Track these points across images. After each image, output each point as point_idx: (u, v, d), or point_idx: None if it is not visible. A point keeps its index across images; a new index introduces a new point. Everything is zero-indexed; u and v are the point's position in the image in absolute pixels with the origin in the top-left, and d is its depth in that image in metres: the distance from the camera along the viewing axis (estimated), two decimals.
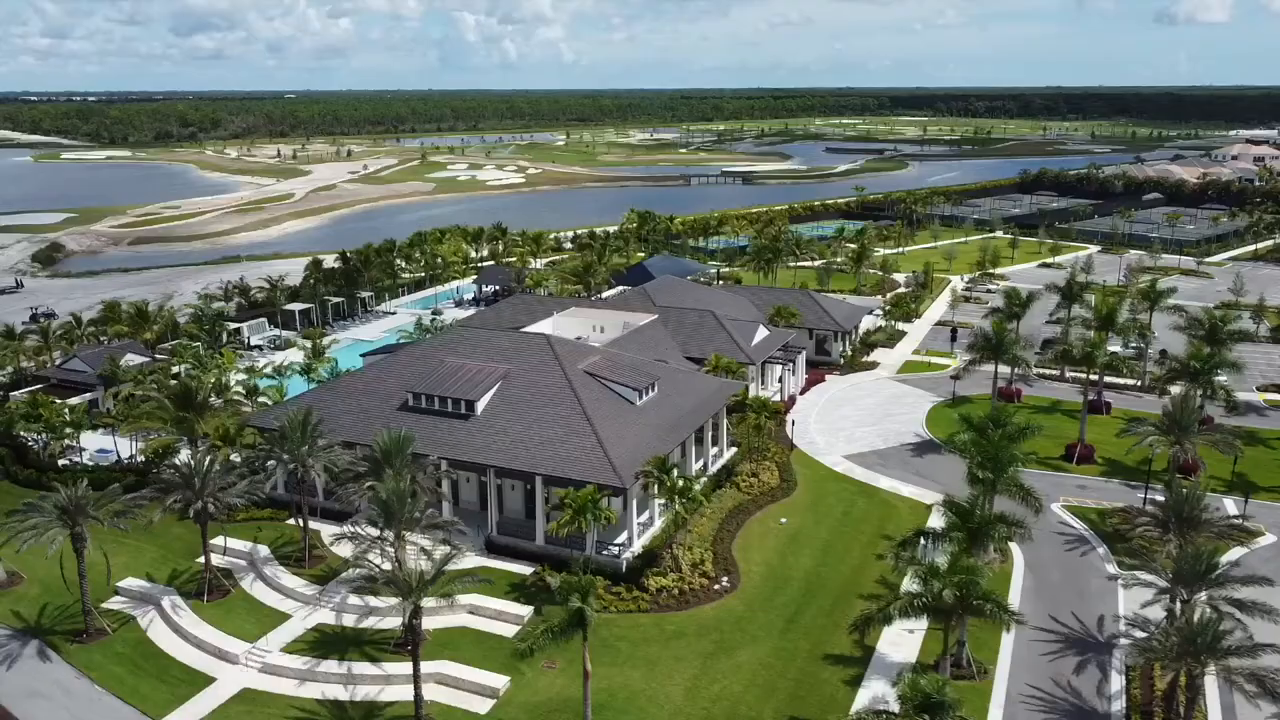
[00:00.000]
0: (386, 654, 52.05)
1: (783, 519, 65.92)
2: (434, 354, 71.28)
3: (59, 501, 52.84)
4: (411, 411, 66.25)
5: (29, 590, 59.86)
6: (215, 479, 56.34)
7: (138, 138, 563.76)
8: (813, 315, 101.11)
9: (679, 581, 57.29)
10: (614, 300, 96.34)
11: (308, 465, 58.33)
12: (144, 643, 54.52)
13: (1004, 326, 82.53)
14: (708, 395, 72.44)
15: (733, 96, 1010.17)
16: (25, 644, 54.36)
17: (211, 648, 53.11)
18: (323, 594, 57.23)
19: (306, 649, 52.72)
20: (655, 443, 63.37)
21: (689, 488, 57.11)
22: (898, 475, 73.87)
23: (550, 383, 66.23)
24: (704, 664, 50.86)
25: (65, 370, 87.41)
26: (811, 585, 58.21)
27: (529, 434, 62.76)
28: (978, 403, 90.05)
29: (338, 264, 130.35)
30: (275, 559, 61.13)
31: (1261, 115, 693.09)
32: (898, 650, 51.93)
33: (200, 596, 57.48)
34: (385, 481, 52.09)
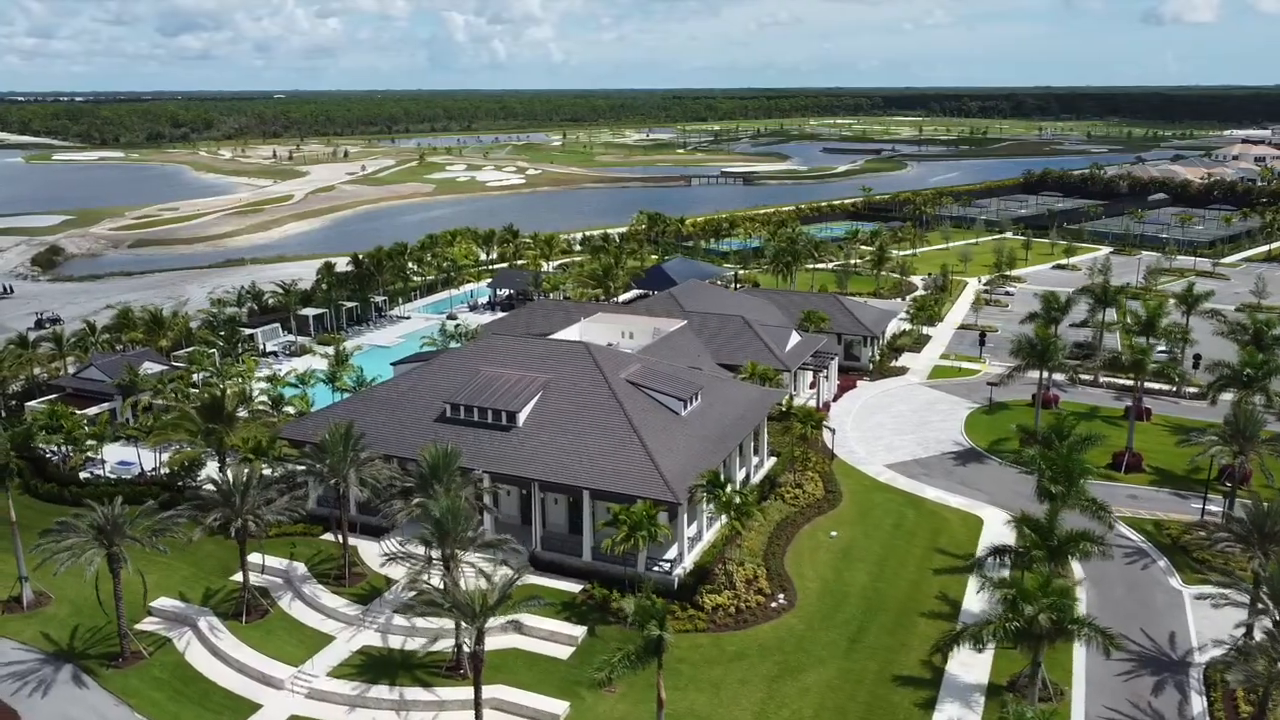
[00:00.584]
0: (439, 678, 50.10)
1: (833, 532, 64.15)
2: (469, 363, 69.26)
3: (95, 521, 50.66)
4: (450, 423, 64.23)
5: (58, 611, 57.69)
6: (255, 495, 54.20)
7: (129, 138, 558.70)
8: (840, 319, 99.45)
9: (735, 599, 55.46)
10: (641, 305, 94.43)
11: (350, 481, 56.21)
12: (182, 666, 52.44)
13: (1048, 332, 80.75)
14: (750, 404, 70.62)
15: (725, 97, 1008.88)
16: (58, 668, 52.24)
17: (254, 672, 51.05)
18: (366, 614, 55.22)
19: (354, 673, 50.73)
20: (704, 454, 61.55)
21: (745, 502, 55.22)
22: (943, 485, 72.18)
23: (593, 392, 64.31)
24: (770, 687, 49.05)
25: (81, 379, 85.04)
26: (870, 602, 56.45)
27: (574, 446, 60.82)
28: (1015, 409, 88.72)
29: (350, 267, 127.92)
30: (313, 577, 59.15)
31: (1253, 115, 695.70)
32: (969, 671, 50.18)
33: (238, 617, 55.41)
34: (438, 499, 50.04)
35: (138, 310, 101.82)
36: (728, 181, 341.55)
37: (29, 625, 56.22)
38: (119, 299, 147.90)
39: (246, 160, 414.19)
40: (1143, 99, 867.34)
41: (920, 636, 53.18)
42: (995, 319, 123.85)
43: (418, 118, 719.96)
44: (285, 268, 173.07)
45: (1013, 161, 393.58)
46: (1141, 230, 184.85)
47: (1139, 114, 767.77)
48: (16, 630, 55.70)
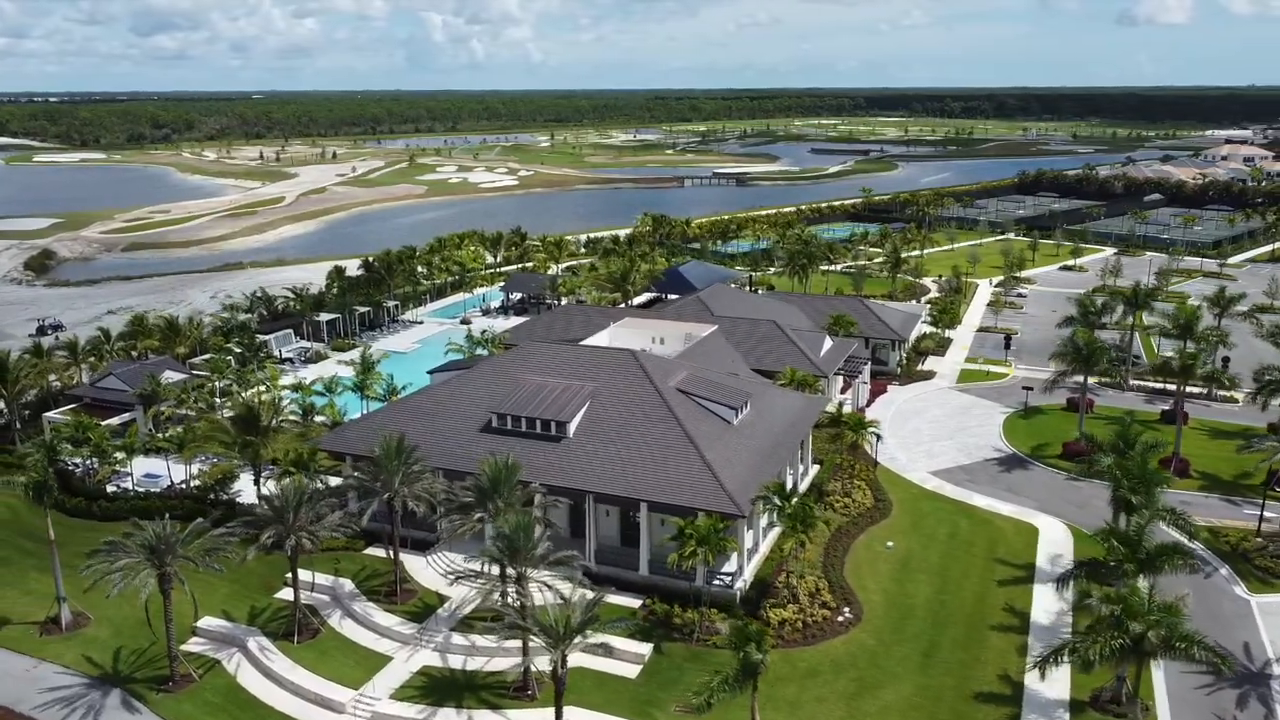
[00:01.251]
0: (506, 700, 48.53)
1: (889, 542, 62.99)
2: (511, 371, 67.65)
3: (146, 540, 48.72)
4: (496, 433, 62.60)
5: (98, 632, 55.66)
6: (307, 511, 52.40)
7: (110, 139, 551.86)
8: (867, 323, 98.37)
9: (800, 614, 54.14)
10: (672, 309, 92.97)
11: (404, 495, 54.50)
12: (235, 690, 50.60)
13: (1093, 336, 79.96)
14: (798, 412, 69.39)
15: (707, 97, 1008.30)
16: (106, 693, 50.28)
17: (312, 695, 49.29)
18: (423, 633, 53.53)
19: (417, 695, 49.08)
20: (760, 464, 60.25)
21: (811, 514, 53.92)
22: (991, 493, 71.18)
23: (643, 402, 62.85)
24: (848, 706, 47.79)
25: (100, 389, 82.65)
26: (937, 615, 55.29)
27: (628, 457, 59.34)
28: (1050, 413, 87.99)
29: (360, 271, 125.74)
30: (363, 594, 57.37)
31: (1231, 115, 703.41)
32: (1048, 686, 48.92)
33: (289, 637, 53.59)
34: (501, 513, 48.46)
35: (152, 317, 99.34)
36: (721, 183, 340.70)
37: (70, 648, 54.19)
38: (119, 304, 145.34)
39: (232, 161, 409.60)
40: (1122, 99, 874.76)
41: (993, 650, 52.12)
42: (1013, 321, 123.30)
43: (400, 118, 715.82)
44: (285, 271, 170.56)
45: (1002, 162, 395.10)
46: (1144, 231, 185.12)
47: (1119, 114, 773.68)
48: (58, 653, 53.68)
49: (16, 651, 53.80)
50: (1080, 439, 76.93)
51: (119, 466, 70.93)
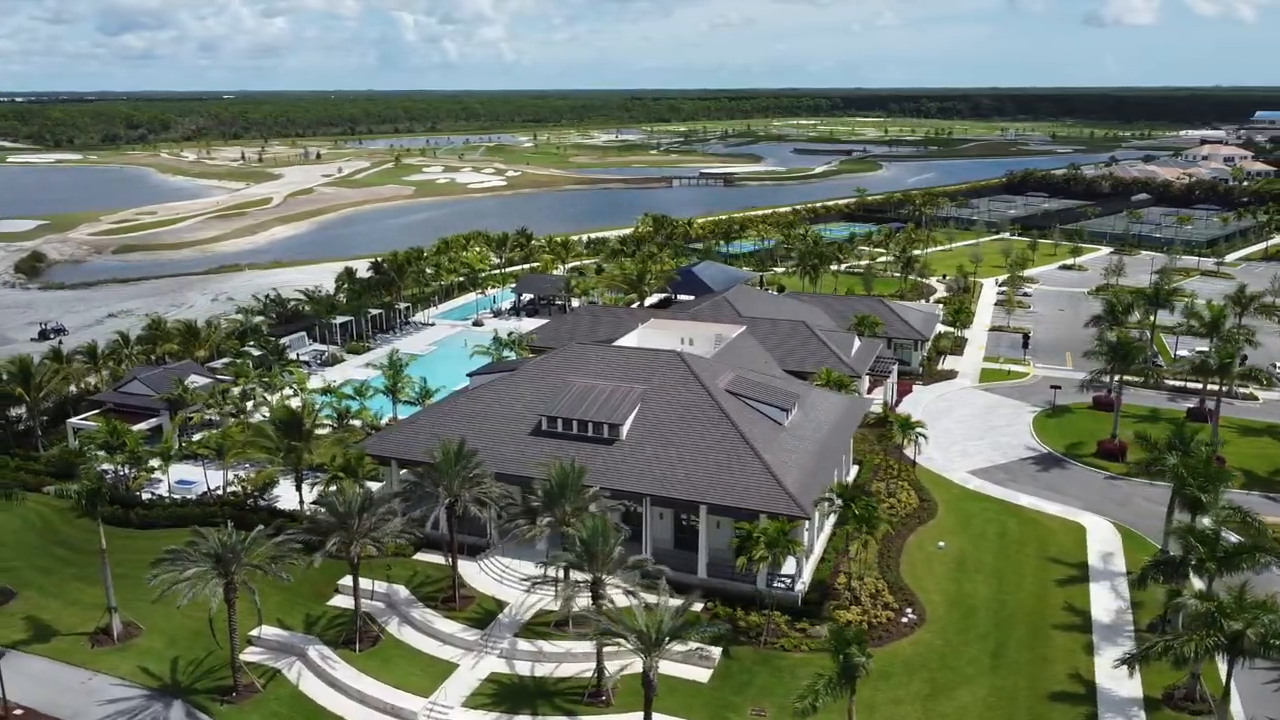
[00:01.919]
0: (581, 706, 48.04)
1: (940, 543, 63.04)
2: (557, 373, 67.09)
3: (212, 549, 47.83)
4: (546, 436, 62.09)
5: (151, 643, 54.58)
6: (369, 517, 51.63)
7: (84, 140, 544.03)
8: (889, 323, 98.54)
9: (864, 615, 54.05)
10: (696, 310, 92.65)
11: (466, 500, 53.85)
12: (300, 699, 49.79)
13: (1129, 336, 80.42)
14: (843, 412, 69.32)
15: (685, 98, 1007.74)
16: (169, 705, 49.31)
17: (380, 704, 48.58)
18: (487, 639, 52.91)
19: (490, 703, 48.48)
20: (816, 465, 60.14)
21: (876, 515, 53.83)
22: (1032, 492, 71.44)
23: (695, 403, 62.54)
24: (924, 707, 47.70)
25: (124, 394, 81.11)
26: (999, 615, 55.34)
27: (684, 459, 58.99)
28: (1077, 412, 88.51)
29: (369, 273, 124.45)
30: (419, 600, 56.63)
31: (1202, 116, 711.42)
32: (1119, 685, 49.16)
33: (349, 645, 52.80)
34: (583, 518, 47.99)
35: (165, 320, 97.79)
36: (708, 183, 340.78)
37: (124, 659, 53.10)
38: (119, 307, 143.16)
39: (212, 162, 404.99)
40: (1096, 100, 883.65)
41: (1060, 649, 52.24)
42: (1023, 321, 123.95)
43: (377, 119, 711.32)
44: (283, 273, 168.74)
45: (984, 162, 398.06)
46: (1139, 230, 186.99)
47: (1094, 114, 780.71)
48: (112, 665, 52.58)
49: (69, 663, 52.68)
50: (1114, 437, 77.51)
51: (160, 474, 69.56)
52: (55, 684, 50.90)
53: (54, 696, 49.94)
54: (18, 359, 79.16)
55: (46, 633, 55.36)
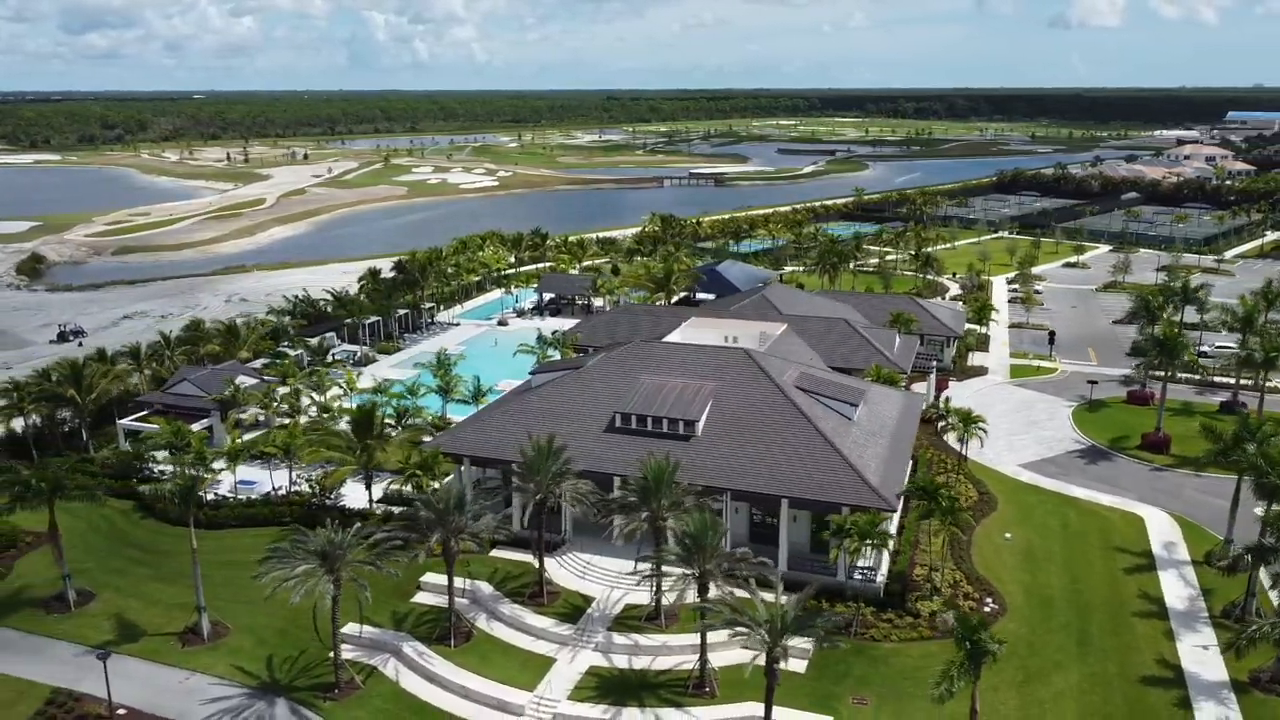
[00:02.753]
0: (686, 698, 48.68)
1: (1007, 534, 64.24)
2: (624, 371, 67.71)
3: (317, 546, 48.07)
4: (620, 433, 62.69)
5: (240, 641, 54.63)
6: (467, 514, 52.02)
7: (60, 140, 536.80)
8: (923, 319, 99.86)
9: (946, 605, 55.08)
10: (740, 309, 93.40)
11: (558, 496, 54.36)
12: (402, 695, 50.10)
13: (1175, 331, 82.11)
14: (903, 407, 70.43)
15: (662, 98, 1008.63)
16: (272, 703, 49.46)
17: (486, 698, 48.98)
18: (580, 633, 53.43)
19: (595, 695, 49.05)
20: (891, 459, 61.16)
21: (959, 508, 54.89)
22: (1085, 484, 72.86)
23: (767, 400, 63.38)
24: (1021, 693, 48.75)
25: (173, 395, 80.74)
26: (1077, 604, 56.55)
27: (761, 454, 59.77)
28: (1113, 406, 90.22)
29: (393, 272, 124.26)
30: (505, 596, 57.02)
31: (1175, 116, 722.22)
32: (1205, 669, 50.59)
33: (444, 641, 53.14)
34: (691, 513, 48.66)
35: (209, 322, 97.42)
36: (699, 183, 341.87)
37: (217, 658, 53.14)
38: (132, 308, 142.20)
39: (196, 163, 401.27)
40: (1069, 100, 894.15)
41: (1142, 636, 53.51)
42: (1040, 317, 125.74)
43: (356, 119, 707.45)
44: (291, 274, 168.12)
45: (969, 162, 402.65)
46: (1137, 229, 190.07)
47: (1067, 115, 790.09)
48: (207, 664, 52.62)
49: (162, 663, 52.65)
50: (1159, 430, 79.18)
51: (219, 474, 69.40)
52: (153, 684, 50.88)
53: (154, 696, 49.93)
54: (68, 360, 78.68)
55: (133, 633, 55.27)
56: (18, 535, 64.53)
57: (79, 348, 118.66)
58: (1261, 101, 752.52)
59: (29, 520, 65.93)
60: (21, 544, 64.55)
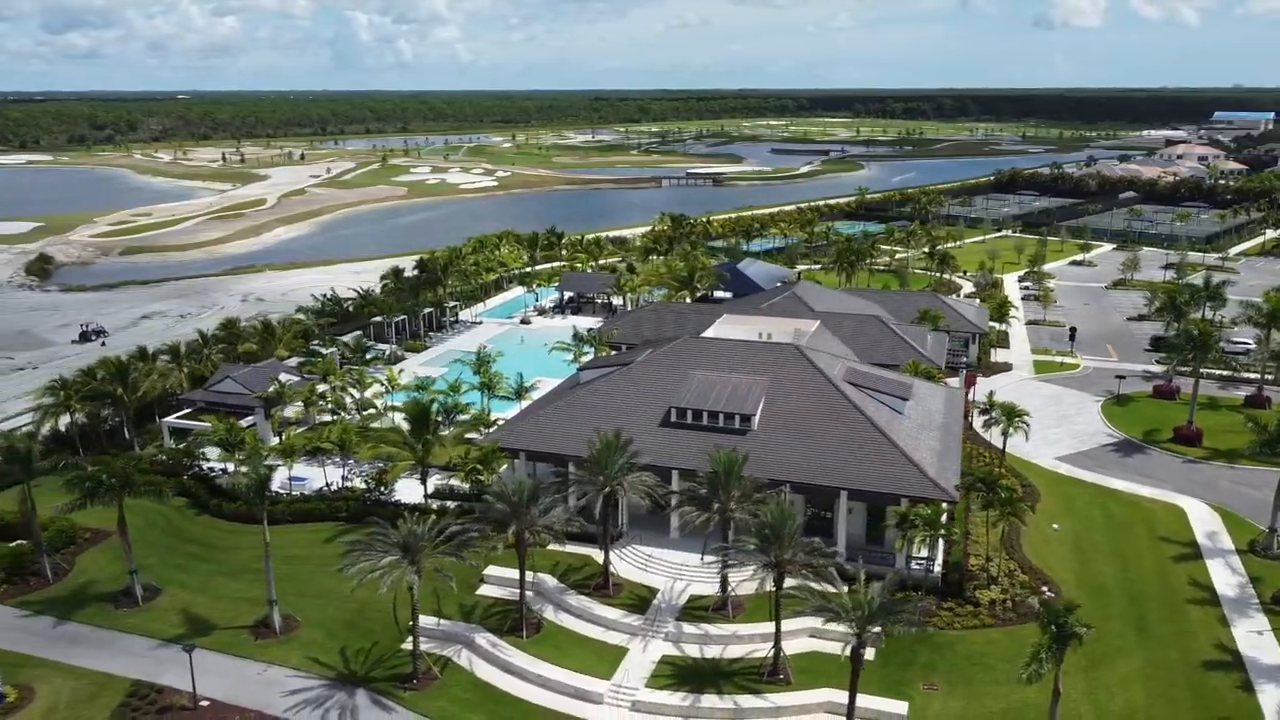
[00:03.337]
0: (762, 684, 49.68)
1: (1054, 525, 65.51)
2: (675, 366, 68.69)
3: (399, 538, 48.86)
4: (675, 427, 63.71)
5: (311, 634, 55.33)
6: (540, 507, 52.87)
7: (50, 140, 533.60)
8: (948, 317, 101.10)
9: (1005, 594, 56.30)
10: (771, 305, 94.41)
11: (625, 489, 55.27)
12: (481, 685, 50.94)
13: (1208, 327, 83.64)
14: (948, 401, 71.69)
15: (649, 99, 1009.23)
16: (352, 694, 50.21)
17: (565, 687, 49.87)
18: (650, 624, 54.37)
19: (672, 683, 50.00)
20: (944, 451, 62.32)
21: (1018, 499, 56.09)
22: (1122, 476, 74.21)
23: (819, 394, 64.47)
24: (1088, 678, 49.96)
25: (216, 392, 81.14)
26: (1131, 592, 57.84)
27: (818, 447, 60.88)
28: (1139, 400, 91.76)
29: (414, 271, 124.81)
30: (570, 588, 57.88)
31: (1161, 116, 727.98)
32: (1262, 653, 51.98)
33: (515, 632, 53.98)
34: (770, 504, 49.67)
35: (244, 321, 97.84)
36: (697, 183, 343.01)
37: (291, 651, 53.83)
38: (150, 308, 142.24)
39: (190, 163, 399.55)
40: (1055, 100, 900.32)
41: (1197, 623, 54.85)
42: (1055, 315, 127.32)
43: (346, 119, 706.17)
44: (303, 274, 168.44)
45: (962, 161, 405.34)
46: (1140, 227, 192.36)
47: (1055, 115, 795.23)
48: (282, 656, 53.32)
49: (237, 656, 53.30)
50: (1190, 423, 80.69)
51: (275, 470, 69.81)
52: (231, 676, 51.51)
53: (234, 688, 50.59)
54: (113, 359, 79.04)
55: (204, 627, 55.86)
56: (76, 532, 64.94)
57: (101, 347, 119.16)
58: (1244, 102, 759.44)
59: (85, 517, 66.52)
60: (80, 540, 65.00)
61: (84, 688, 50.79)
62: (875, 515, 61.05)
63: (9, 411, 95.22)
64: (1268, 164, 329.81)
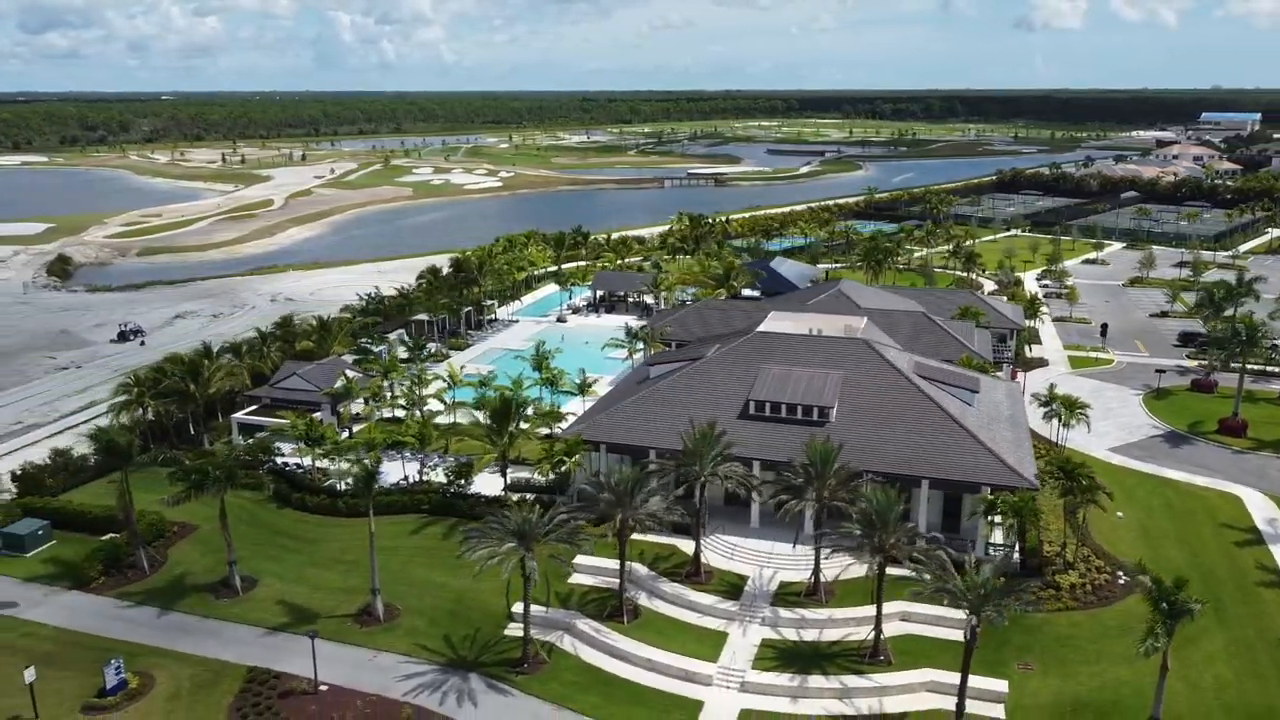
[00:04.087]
0: (864, 665, 51.41)
1: (1119, 513, 67.49)
2: (745, 361, 70.42)
3: (515, 526, 50.38)
4: (754, 420, 65.39)
5: (413, 622, 56.77)
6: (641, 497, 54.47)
7: (42, 142, 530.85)
8: (987, 313, 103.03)
9: (1084, 578, 58.24)
10: (817, 303, 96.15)
11: (720, 479, 56.92)
12: (589, 669, 52.49)
13: (1254, 321, 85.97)
14: (1009, 394, 73.64)
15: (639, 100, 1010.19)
16: (465, 678, 51.69)
17: (673, 669, 51.51)
18: (745, 609, 56.04)
19: (776, 665, 51.68)
20: (1017, 441, 64.21)
21: (1096, 486, 58.09)
22: (1174, 466, 76.37)
23: (894, 387, 66.32)
24: (1176, 656, 50.89)
25: (282, 389, 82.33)
26: (1203, 576, 59.69)
27: (897, 438, 62.69)
28: (1177, 393, 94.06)
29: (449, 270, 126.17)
30: (660, 575, 59.45)
31: (1147, 116, 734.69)
32: None
33: (615, 618, 55.53)
34: (875, 491, 51.42)
35: (299, 319, 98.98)
36: (698, 183, 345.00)
37: (397, 638, 55.24)
38: (183, 308, 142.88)
39: (189, 164, 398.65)
40: (1041, 100, 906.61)
41: (1272, 604, 56.95)
42: (1080, 312, 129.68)
43: (338, 120, 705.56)
44: (326, 274, 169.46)
45: (959, 162, 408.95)
46: (1150, 227, 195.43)
47: (1042, 115, 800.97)
48: (389, 643, 54.73)
49: (345, 643, 54.60)
50: (1235, 415, 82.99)
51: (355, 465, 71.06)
52: (343, 662, 52.82)
53: (349, 673, 51.95)
54: (183, 356, 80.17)
55: (307, 616, 57.14)
56: (165, 526, 66.07)
57: (140, 347, 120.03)
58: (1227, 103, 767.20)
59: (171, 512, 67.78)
60: (169, 534, 66.14)
61: (202, 674, 52.07)
62: (951, 503, 62.96)
63: (64, 410, 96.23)
64: (1262, 164, 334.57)
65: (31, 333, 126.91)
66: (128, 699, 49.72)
